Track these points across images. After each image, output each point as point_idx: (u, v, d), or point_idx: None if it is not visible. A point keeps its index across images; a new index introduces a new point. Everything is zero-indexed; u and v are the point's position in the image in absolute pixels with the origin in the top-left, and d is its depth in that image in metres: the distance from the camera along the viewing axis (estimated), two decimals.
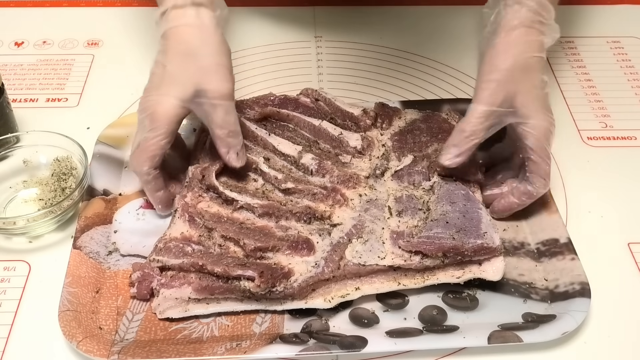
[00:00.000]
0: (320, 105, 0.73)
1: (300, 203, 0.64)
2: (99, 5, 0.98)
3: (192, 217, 0.62)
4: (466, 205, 0.62)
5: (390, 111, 0.74)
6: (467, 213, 0.61)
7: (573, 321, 0.57)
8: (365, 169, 0.68)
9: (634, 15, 0.98)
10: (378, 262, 0.59)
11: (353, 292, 0.59)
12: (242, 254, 0.59)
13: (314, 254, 0.59)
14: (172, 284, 0.58)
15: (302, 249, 0.59)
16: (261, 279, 0.56)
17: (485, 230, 0.60)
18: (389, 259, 0.59)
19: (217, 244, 0.60)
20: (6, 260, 0.64)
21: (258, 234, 0.61)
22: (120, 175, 0.71)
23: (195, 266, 0.58)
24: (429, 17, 0.96)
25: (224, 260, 0.58)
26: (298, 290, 0.57)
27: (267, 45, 0.91)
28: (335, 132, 0.70)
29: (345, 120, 0.72)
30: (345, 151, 0.69)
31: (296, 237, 0.60)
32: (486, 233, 0.59)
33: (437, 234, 0.59)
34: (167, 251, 0.59)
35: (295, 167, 0.67)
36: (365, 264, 0.58)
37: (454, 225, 0.60)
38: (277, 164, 0.67)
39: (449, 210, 0.61)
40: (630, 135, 0.79)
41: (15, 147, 0.70)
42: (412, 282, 0.60)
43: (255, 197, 0.64)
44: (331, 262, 0.58)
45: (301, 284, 0.57)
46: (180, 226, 0.62)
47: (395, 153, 0.69)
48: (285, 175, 0.65)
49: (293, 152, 0.67)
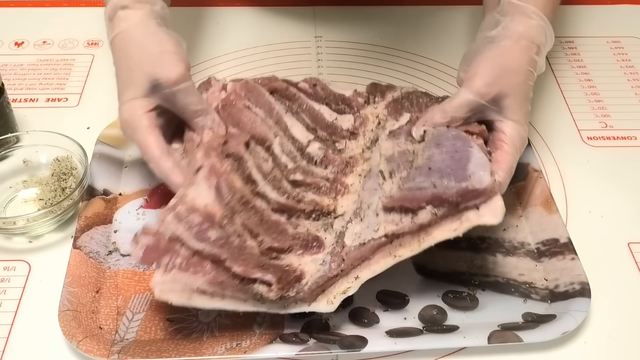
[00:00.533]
0: (317, 90, 0.70)
1: (306, 197, 0.61)
2: (99, 5, 0.97)
3: (221, 189, 0.54)
4: (455, 144, 0.56)
5: (383, 88, 0.72)
6: (455, 153, 0.55)
7: (573, 321, 0.57)
8: (359, 146, 0.66)
9: (634, 15, 0.98)
10: (374, 237, 0.55)
11: (353, 283, 0.56)
12: (258, 250, 0.55)
13: (323, 251, 0.58)
14: (186, 268, 0.52)
15: (313, 247, 0.58)
16: (278, 285, 0.53)
17: (472, 171, 0.54)
18: (382, 228, 0.55)
19: (237, 233, 0.55)
20: (6, 260, 0.64)
21: (274, 230, 0.57)
22: (120, 175, 0.71)
23: (216, 258, 0.52)
24: (429, 17, 0.96)
25: (242, 256, 0.53)
26: (309, 294, 0.55)
27: (267, 45, 0.91)
28: (330, 118, 0.68)
29: (338, 104, 0.70)
30: (341, 136, 0.67)
31: (306, 235, 0.58)
32: (473, 173, 0.53)
33: (418, 183, 0.54)
34: (188, 226, 0.52)
35: (300, 154, 0.64)
36: (363, 242, 0.56)
37: (437, 170, 0.54)
38: (286, 148, 0.63)
39: (435, 153, 0.56)
40: (630, 135, 0.79)
41: (15, 147, 0.70)
42: (408, 249, 0.55)
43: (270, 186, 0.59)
44: (336, 256, 0.57)
45: (311, 286, 0.55)
46: (204, 193, 0.54)
47: (391, 116, 0.66)
48: (295, 165, 0.62)
49: (304, 139, 0.64)
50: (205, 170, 0.55)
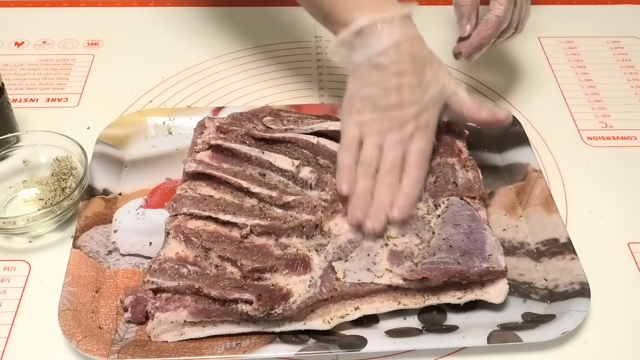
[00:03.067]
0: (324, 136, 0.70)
1: (299, 218, 0.62)
2: (99, 5, 0.98)
3: (188, 237, 0.60)
4: (471, 226, 0.61)
5: None
6: (471, 234, 0.60)
7: (573, 321, 0.57)
8: None
9: (634, 15, 0.98)
10: (374, 281, 0.58)
11: (352, 312, 0.58)
12: (240, 275, 0.58)
13: (310, 272, 0.59)
14: (167, 307, 0.56)
15: (298, 268, 0.59)
16: (259, 302, 0.54)
17: (490, 253, 0.58)
18: (387, 278, 0.58)
19: (214, 265, 0.58)
20: (6, 260, 0.64)
21: (256, 253, 0.59)
22: (120, 174, 0.71)
23: (192, 289, 0.56)
24: (429, 17, 0.96)
25: (220, 283, 0.56)
26: (297, 312, 0.56)
27: (267, 45, 0.91)
28: (334, 148, 0.68)
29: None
30: None
31: (293, 255, 0.59)
32: (491, 255, 0.58)
33: (441, 258, 0.58)
34: (162, 272, 0.57)
35: (294, 182, 0.65)
36: (360, 282, 0.57)
37: (458, 249, 0.58)
38: (273, 180, 0.65)
39: (453, 232, 0.60)
40: (630, 135, 0.79)
41: (15, 147, 0.70)
42: (413, 301, 0.58)
43: (252, 215, 0.62)
44: (327, 281, 0.58)
45: (300, 305, 0.56)
46: (175, 246, 0.60)
47: None
48: (280, 191, 0.64)
49: (290, 166, 0.65)
50: (172, 231, 0.61)
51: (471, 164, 0.67)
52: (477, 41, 0.70)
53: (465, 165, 0.67)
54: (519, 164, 0.71)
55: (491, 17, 0.69)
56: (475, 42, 0.70)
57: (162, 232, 0.62)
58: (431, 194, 0.65)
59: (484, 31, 0.70)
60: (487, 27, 0.69)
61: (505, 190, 0.70)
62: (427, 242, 0.60)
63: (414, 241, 0.61)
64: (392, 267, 0.59)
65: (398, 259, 0.59)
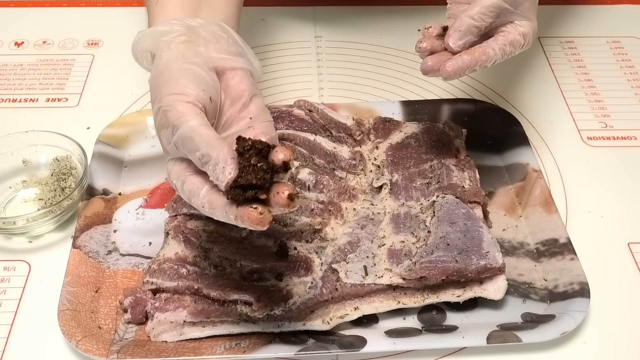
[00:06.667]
0: (315, 117, 0.71)
1: (298, 220, 0.62)
2: (99, 5, 0.98)
3: (188, 238, 0.60)
4: (467, 224, 0.61)
5: (391, 125, 0.72)
6: (467, 232, 0.60)
7: (572, 321, 0.56)
8: (362, 184, 0.67)
9: (634, 15, 0.97)
10: (375, 281, 0.58)
11: (352, 312, 0.58)
12: (239, 275, 0.58)
13: (311, 274, 0.59)
14: (166, 308, 0.56)
15: (300, 269, 0.59)
16: (259, 303, 0.55)
17: (487, 250, 0.59)
18: (387, 277, 0.58)
19: (213, 265, 0.59)
20: (6, 260, 0.64)
21: (256, 254, 0.59)
22: (120, 174, 0.71)
23: (191, 289, 0.57)
24: (429, 17, 0.95)
25: (220, 283, 0.57)
26: (297, 313, 0.56)
27: (267, 45, 0.91)
28: (329, 147, 0.68)
29: (340, 132, 0.71)
30: (340, 167, 0.68)
31: (295, 257, 0.59)
32: (488, 252, 0.58)
33: (439, 257, 0.58)
34: (161, 273, 0.58)
35: (292, 183, 0.65)
36: (362, 283, 0.58)
37: (455, 247, 0.59)
38: None
39: (450, 231, 0.60)
40: (630, 135, 0.79)
41: (15, 147, 0.70)
42: (412, 300, 0.59)
43: None
44: (328, 283, 0.58)
45: (300, 306, 0.56)
46: (174, 246, 0.60)
47: (388, 168, 0.68)
48: None
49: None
50: (171, 232, 0.61)
51: (468, 163, 0.67)
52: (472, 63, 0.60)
53: (462, 164, 0.67)
54: (519, 164, 0.71)
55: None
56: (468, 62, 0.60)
57: (161, 232, 0.63)
58: (424, 192, 0.65)
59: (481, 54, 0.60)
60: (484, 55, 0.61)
61: (505, 191, 0.70)
62: (424, 241, 0.61)
63: (410, 239, 0.61)
64: (392, 266, 0.59)
65: (397, 257, 0.59)
